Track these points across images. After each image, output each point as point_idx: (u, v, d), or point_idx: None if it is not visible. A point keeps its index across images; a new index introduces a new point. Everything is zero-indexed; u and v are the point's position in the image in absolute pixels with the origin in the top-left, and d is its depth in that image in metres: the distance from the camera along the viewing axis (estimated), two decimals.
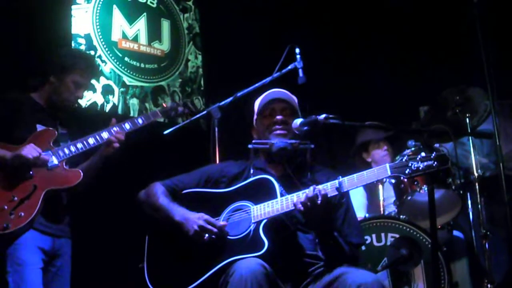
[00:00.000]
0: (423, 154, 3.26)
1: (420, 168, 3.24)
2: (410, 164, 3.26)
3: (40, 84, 4.43)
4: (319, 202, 3.27)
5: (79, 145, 4.25)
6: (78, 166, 4.34)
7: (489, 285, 5.15)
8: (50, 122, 4.38)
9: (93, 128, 4.42)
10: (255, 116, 3.98)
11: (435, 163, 3.22)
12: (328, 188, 3.34)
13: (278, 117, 3.80)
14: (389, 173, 3.30)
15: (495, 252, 5.56)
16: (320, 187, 3.33)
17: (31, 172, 4.05)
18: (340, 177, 3.36)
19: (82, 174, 4.18)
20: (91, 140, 4.30)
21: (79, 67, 4.42)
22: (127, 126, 4.45)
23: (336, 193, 3.34)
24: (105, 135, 4.32)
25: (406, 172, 3.26)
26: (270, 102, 3.87)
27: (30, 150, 3.99)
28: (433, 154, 3.24)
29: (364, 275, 3.24)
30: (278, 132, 3.76)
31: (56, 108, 4.45)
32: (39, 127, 4.29)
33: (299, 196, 3.35)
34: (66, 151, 4.21)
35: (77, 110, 5.00)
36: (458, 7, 5.13)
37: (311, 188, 3.31)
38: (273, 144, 3.74)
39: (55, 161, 4.14)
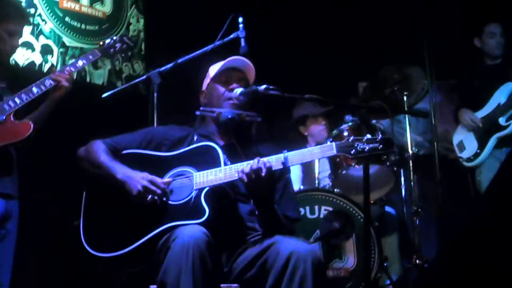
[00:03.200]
0: (369, 136, 3.28)
1: (366, 149, 3.25)
2: (356, 145, 3.26)
3: None
4: (263, 174, 3.26)
5: (24, 96, 4.08)
6: (27, 116, 4.16)
7: (417, 261, 5.26)
8: None
9: None
10: (207, 80, 3.91)
11: (381, 146, 3.24)
12: (273, 161, 3.32)
13: (235, 85, 3.74)
14: (335, 151, 3.31)
15: (425, 229, 5.70)
16: (265, 159, 3.31)
17: None
18: (286, 151, 3.34)
19: (32, 124, 4.00)
20: (34, 89, 4.12)
21: (9, 15, 4.22)
22: (68, 69, 4.31)
23: (281, 166, 3.32)
24: (47, 82, 4.17)
25: (352, 152, 3.27)
26: (228, 69, 3.81)
27: None
28: (379, 137, 3.26)
29: (297, 242, 3.26)
30: (232, 102, 3.70)
31: None
32: None
33: (243, 167, 3.32)
34: (11, 103, 4.03)
35: (15, 69, 4.88)
36: None
37: (256, 160, 3.29)
38: (221, 113, 3.67)
39: (2, 115, 3.97)
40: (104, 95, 4.60)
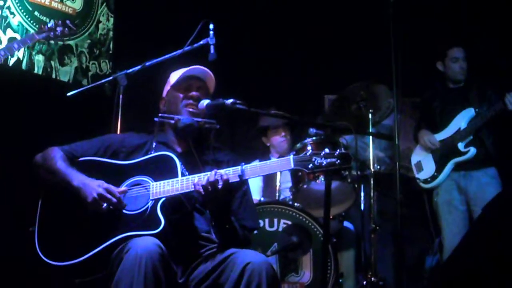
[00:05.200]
0: (327, 150, 3.28)
1: (323, 164, 3.26)
2: (313, 160, 3.27)
3: None
4: (219, 186, 3.26)
5: None
6: None
7: (372, 278, 5.28)
8: None
9: None
10: (168, 87, 3.90)
11: (338, 161, 3.25)
12: (230, 173, 3.32)
13: (194, 93, 3.74)
14: (292, 166, 3.31)
15: (381, 247, 5.72)
16: (222, 171, 3.31)
17: None
18: (243, 163, 3.34)
19: None
20: None
21: None
22: (2, 52, 4.35)
23: (238, 179, 3.32)
24: None
25: (309, 166, 3.27)
26: (189, 78, 3.81)
27: None
28: (337, 152, 3.26)
29: (253, 254, 3.27)
30: (190, 109, 3.70)
31: None
32: None
33: (200, 178, 3.31)
34: None
35: None
36: (374, 4, 5.20)
37: (213, 172, 3.29)
38: (180, 119, 3.68)
39: None
40: (69, 93, 4.55)
